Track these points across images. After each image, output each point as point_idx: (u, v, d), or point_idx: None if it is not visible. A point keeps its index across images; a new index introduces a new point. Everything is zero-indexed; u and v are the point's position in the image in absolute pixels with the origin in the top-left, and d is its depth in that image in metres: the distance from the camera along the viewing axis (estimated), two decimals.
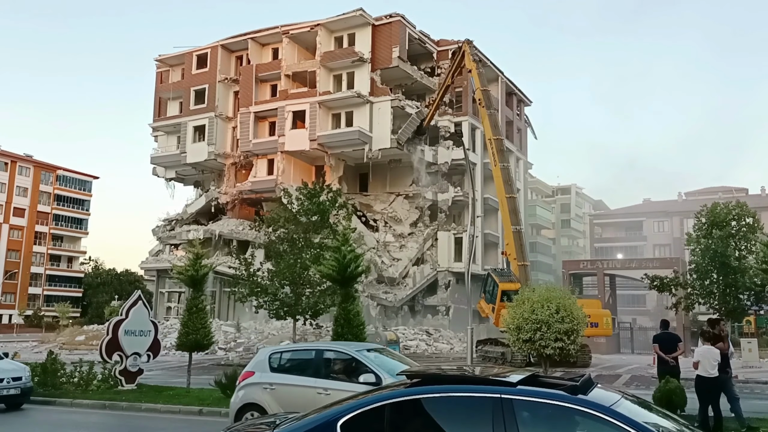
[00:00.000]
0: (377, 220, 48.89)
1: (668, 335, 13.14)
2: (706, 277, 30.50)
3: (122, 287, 79.54)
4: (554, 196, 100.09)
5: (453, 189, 48.39)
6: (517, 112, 59.36)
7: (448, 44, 51.48)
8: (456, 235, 47.86)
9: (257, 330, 40.16)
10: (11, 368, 14.55)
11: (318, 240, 27.67)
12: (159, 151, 55.02)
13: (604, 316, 28.94)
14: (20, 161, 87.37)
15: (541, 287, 16.81)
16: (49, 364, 16.86)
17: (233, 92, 52.60)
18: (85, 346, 38.98)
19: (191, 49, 54.21)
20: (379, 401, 4.26)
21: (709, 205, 32.09)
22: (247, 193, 49.12)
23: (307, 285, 26.95)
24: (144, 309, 17.38)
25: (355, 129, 45.35)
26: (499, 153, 30.06)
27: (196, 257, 18.23)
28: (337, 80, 48.15)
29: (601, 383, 4.53)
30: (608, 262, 50.33)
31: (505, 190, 29.34)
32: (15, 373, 14.38)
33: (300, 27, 49.17)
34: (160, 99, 55.96)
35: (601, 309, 30.16)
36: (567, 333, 15.49)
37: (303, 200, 28.26)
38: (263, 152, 48.58)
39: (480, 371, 4.93)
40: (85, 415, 13.80)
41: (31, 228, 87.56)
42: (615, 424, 3.75)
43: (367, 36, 47.09)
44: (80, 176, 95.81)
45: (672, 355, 12.55)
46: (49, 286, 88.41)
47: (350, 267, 15.07)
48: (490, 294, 31.35)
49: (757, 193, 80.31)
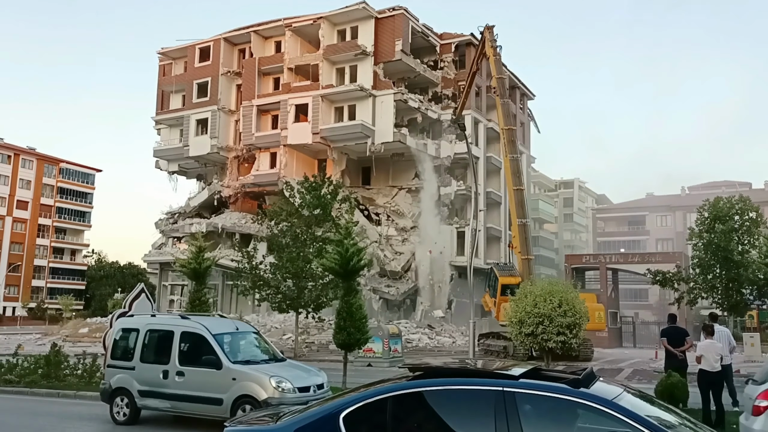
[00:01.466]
0: (380, 214, 48.91)
1: (676, 329, 13.16)
2: (709, 271, 30.47)
3: (125, 280, 79.76)
4: (557, 190, 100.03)
5: (456, 183, 48.35)
6: (521, 106, 59.20)
7: (451, 37, 51.36)
8: (458, 229, 47.84)
9: (260, 323, 40.25)
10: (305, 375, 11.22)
11: (320, 233, 27.70)
12: (162, 144, 55.07)
13: (597, 310, 28.95)
14: (23, 154, 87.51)
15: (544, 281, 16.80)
16: (53, 356, 16.94)
17: (236, 85, 52.59)
18: (88, 338, 39.16)
19: (194, 42, 54.18)
20: (382, 394, 4.27)
21: (712, 199, 32.02)
22: (250, 187, 49.15)
23: (309, 278, 27.00)
24: (147, 302, 17.39)
25: (357, 122, 45.30)
26: (510, 144, 29.78)
27: (198, 250, 18.27)
28: (339, 73, 48.07)
29: (603, 377, 4.54)
30: (611, 256, 50.21)
31: (513, 182, 29.10)
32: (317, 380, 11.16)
33: (303, 20, 49.06)
34: (163, 92, 55.94)
35: (595, 303, 30.15)
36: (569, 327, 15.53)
37: (305, 193, 28.26)
38: (266, 145, 48.58)
39: (482, 365, 4.94)
40: (89, 407, 13.85)
41: (34, 220, 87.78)
42: (617, 417, 3.75)
43: (369, 29, 46.97)
44: (83, 169, 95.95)
45: (680, 349, 12.57)
46: (52, 279, 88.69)
47: (352, 260, 15.07)
48: (493, 288, 31.43)
49: (760, 188, 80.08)
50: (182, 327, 11.43)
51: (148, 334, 11.69)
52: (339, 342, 15.19)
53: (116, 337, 12.19)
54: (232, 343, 11.37)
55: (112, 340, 12.16)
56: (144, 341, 11.59)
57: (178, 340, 11.25)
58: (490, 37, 32.22)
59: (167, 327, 11.68)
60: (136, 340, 11.68)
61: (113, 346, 12.01)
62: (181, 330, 11.35)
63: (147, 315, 13.15)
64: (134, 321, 12.45)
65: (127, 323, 12.42)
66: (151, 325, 11.89)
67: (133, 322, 12.37)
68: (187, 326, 11.42)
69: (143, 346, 11.56)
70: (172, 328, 11.48)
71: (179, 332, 11.31)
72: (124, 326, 12.30)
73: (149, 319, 12.28)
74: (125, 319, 12.94)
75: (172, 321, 12.06)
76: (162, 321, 12.38)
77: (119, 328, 12.34)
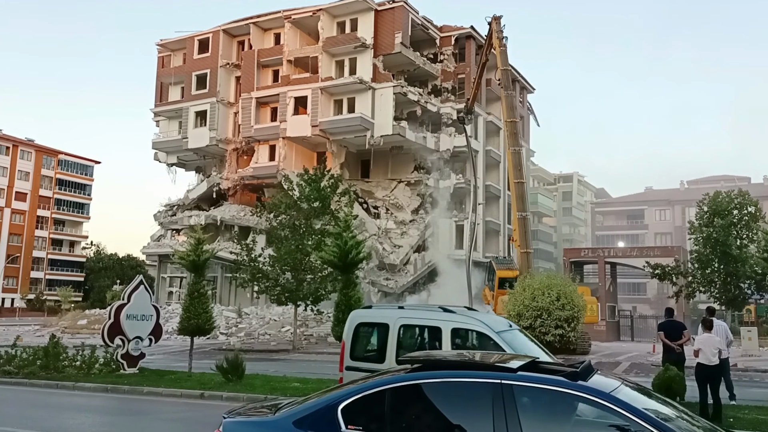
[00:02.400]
0: (378, 207, 48.92)
1: (673, 323, 13.19)
2: (708, 265, 30.57)
3: (124, 272, 79.83)
4: (556, 184, 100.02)
5: (455, 176, 48.36)
6: (520, 99, 59.13)
7: (451, 30, 51.23)
8: (457, 222, 47.87)
9: (259, 315, 40.35)
10: None
11: (319, 226, 27.73)
12: (160, 136, 54.94)
13: (590, 303, 29.06)
14: (22, 145, 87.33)
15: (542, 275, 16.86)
16: (52, 347, 16.94)
17: (235, 77, 52.45)
18: (87, 330, 39.22)
19: (193, 33, 53.98)
20: (381, 386, 4.28)
21: (711, 193, 32.07)
22: (249, 179, 49.11)
23: (308, 271, 27.06)
24: (146, 293, 17.44)
25: (357, 115, 45.22)
26: (512, 136, 29.71)
27: (197, 242, 18.27)
28: (339, 66, 47.95)
29: (600, 370, 4.55)
30: (609, 250, 50.29)
31: (514, 175, 29.06)
32: None
33: (302, 12, 48.89)
34: (162, 84, 55.79)
35: (589, 296, 30.25)
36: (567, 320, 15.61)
37: (304, 186, 28.25)
38: (265, 138, 48.50)
39: (480, 357, 4.95)
40: (88, 398, 13.89)
41: (32, 212, 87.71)
42: (615, 410, 3.76)
43: (369, 21, 46.83)
44: (82, 161, 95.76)
45: (678, 343, 12.60)
46: (51, 271, 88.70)
47: (351, 253, 15.11)
48: (491, 282, 31.51)
49: (759, 182, 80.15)
50: (453, 323, 9.32)
51: (403, 329, 9.49)
52: (337, 334, 15.23)
53: (354, 333, 9.80)
54: (513, 342, 9.18)
55: (350, 335, 9.81)
56: (398, 338, 9.37)
57: (449, 337, 9.13)
58: (497, 28, 31.89)
59: (431, 322, 9.55)
60: (387, 336, 9.46)
61: (352, 343, 9.73)
62: (452, 326, 9.26)
63: (392, 307, 10.67)
64: (378, 314, 10.25)
65: (368, 316, 10.22)
66: (406, 320, 9.66)
67: (377, 315, 10.22)
68: (459, 322, 9.34)
69: (398, 344, 9.32)
70: (438, 324, 9.35)
71: (448, 329, 9.22)
72: (364, 320, 10.04)
73: (399, 312, 9.90)
74: (362, 311, 10.62)
75: (434, 315, 9.72)
76: (419, 315, 10.08)
77: (357, 322, 9.92)
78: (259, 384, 14.60)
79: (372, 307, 11.02)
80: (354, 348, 9.65)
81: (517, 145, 29.61)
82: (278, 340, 33.30)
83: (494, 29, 32.02)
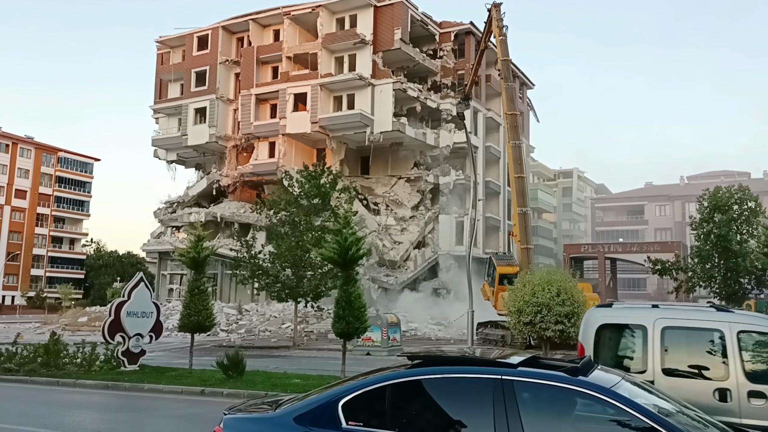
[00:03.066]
0: (378, 204, 48.92)
1: None
2: (708, 261, 30.57)
3: (124, 269, 79.82)
4: (556, 180, 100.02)
5: (455, 172, 48.34)
6: (520, 95, 59.08)
7: (450, 26, 51.15)
8: (457, 218, 47.89)
9: (259, 312, 40.39)
10: None
11: (319, 223, 27.72)
12: (160, 134, 54.95)
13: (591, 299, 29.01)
14: (21, 143, 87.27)
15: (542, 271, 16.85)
16: (52, 345, 16.96)
17: (234, 74, 52.39)
18: (87, 327, 39.25)
19: (192, 30, 53.91)
20: (381, 382, 4.29)
21: (711, 189, 32.06)
22: (249, 176, 49.11)
23: (308, 267, 27.05)
24: (146, 290, 17.45)
25: (356, 112, 45.19)
26: (513, 129, 29.42)
27: (197, 239, 18.26)
28: (338, 62, 47.90)
29: (601, 365, 4.55)
30: (609, 245, 50.38)
31: (515, 170, 28.87)
32: None
33: (301, 8, 48.82)
34: (161, 81, 55.74)
35: (590, 292, 30.22)
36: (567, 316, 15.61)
37: (304, 183, 28.24)
38: (264, 135, 48.48)
39: (481, 353, 4.96)
40: (88, 395, 13.91)
41: (32, 210, 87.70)
42: (615, 405, 3.77)
43: (369, 17, 46.76)
44: (81, 158, 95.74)
45: None
46: (51, 268, 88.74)
47: (351, 250, 15.07)
48: (491, 278, 31.50)
49: (759, 177, 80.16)
50: (738, 325, 7.41)
51: (665, 333, 7.53)
52: (338, 331, 15.20)
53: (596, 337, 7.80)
54: None
55: (590, 340, 7.89)
56: (661, 343, 7.48)
57: (735, 344, 7.25)
58: (497, 16, 31.31)
59: (705, 324, 7.59)
60: (644, 341, 7.62)
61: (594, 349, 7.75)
62: (738, 329, 7.34)
63: (643, 306, 8.67)
64: (628, 314, 8.26)
65: (614, 316, 8.16)
66: (669, 320, 7.66)
67: (627, 315, 8.23)
68: (746, 323, 7.47)
69: (662, 350, 7.46)
70: (717, 326, 7.44)
71: (734, 332, 7.30)
72: (608, 320, 7.99)
73: (657, 312, 7.84)
74: (604, 310, 8.36)
75: (709, 316, 7.72)
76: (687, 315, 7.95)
77: (599, 323, 7.91)
78: (259, 380, 14.62)
79: (612, 305, 8.88)
80: (597, 356, 7.61)
81: (517, 138, 29.41)
82: (279, 337, 33.34)
83: (494, 16, 31.45)
